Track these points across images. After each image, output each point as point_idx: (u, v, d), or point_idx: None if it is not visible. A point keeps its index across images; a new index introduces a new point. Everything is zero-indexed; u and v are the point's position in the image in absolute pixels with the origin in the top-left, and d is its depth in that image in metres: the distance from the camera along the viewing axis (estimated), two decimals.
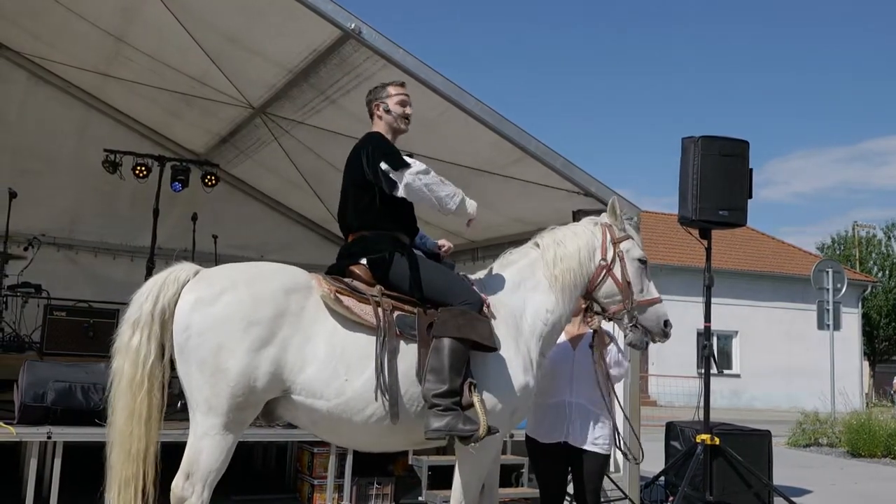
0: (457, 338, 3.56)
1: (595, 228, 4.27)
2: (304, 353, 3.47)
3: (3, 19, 8.67)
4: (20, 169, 8.61)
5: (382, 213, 3.85)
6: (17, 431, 5.67)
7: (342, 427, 3.61)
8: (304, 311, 3.52)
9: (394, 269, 3.78)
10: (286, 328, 3.45)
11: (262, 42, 6.84)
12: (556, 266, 4.06)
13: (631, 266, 4.18)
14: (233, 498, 6.36)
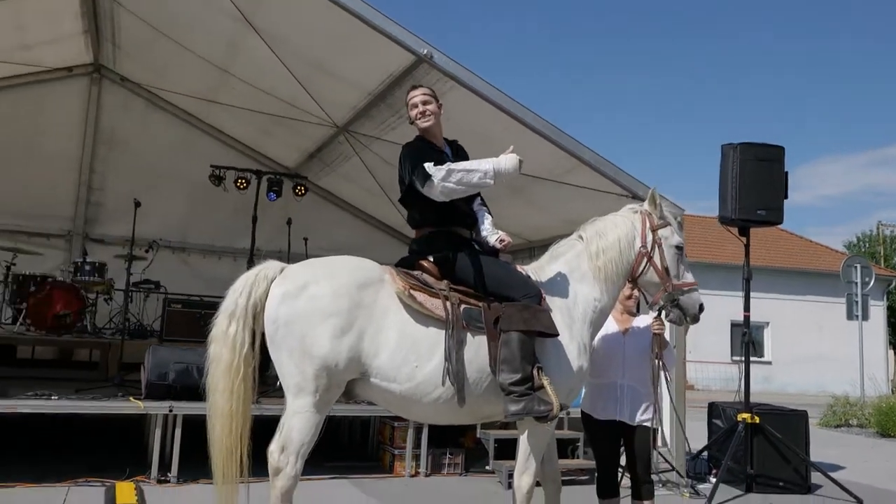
0: (524, 330, 3.53)
1: (635, 217, 4.14)
2: (378, 341, 3.49)
3: (126, 56, 9.06)
4: (142, 184, 8.91)
5: (437, 211, 3.77)
6: (144, 405, 5.91)
7: (413, 406, 3.64)
8: (377, 304, 3.53)
9: (458, 267, 3.75)
10: (361, 318, 3.48)
11: (345, 68, 6.97)
12: (598, 258, 3.97)
13: (668, 252, 4.06)
14: (325, 465, 6.46)
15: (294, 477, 3.40)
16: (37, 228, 9.23)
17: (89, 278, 7.98)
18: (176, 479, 5.78)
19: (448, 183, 3.60)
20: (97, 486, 5.54)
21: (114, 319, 8.46)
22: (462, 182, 3.62)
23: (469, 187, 3.66)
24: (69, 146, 9.50)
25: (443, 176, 3.60)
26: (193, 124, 9.96)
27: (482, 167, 3.63)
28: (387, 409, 3.89)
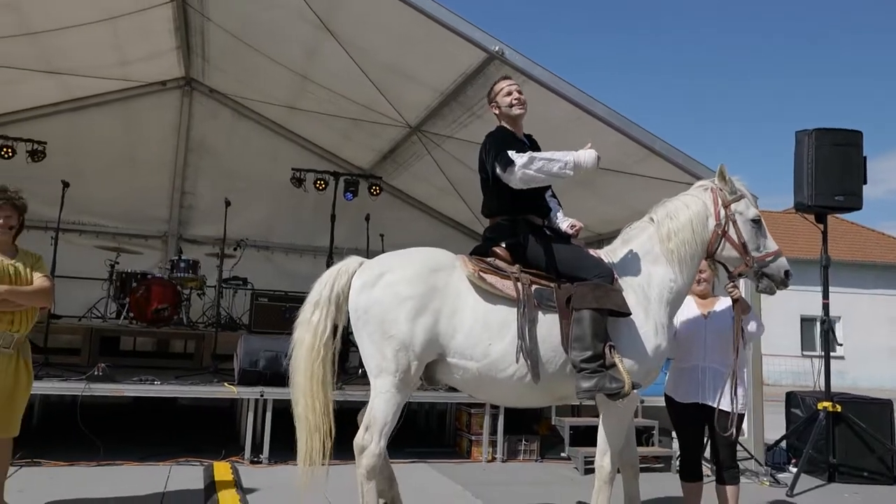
0: (595, 308, 3.49)
1: (705, 194, 3.98)
2: (453, 322, 3.54)
3: (214, 69, 9.33)
4: (230, 188, 9.14)
5: (512, 199, 3.77)
6: (237, 390, 6.05)
7: (487, 385, 3.64)
8: (449, 287, 3.58)
9: (529, 251, 3.74)
10: (435, 301, 3.54)
11: (418, 69, 6.97)
12: (670, 240, 3.86)
13: (745, 227, 3.90)
14: (405, 450, 6.48)
15: (378, 455, 3.47)
16: (137, 231, 9.61)
17: (184, 275, 8.25)
18: (267, 460, 5.89)
19: (528, 170, 3.59)
20: (196, 465, 5.70)
21: (206, 313, 8.72)
22: (542, 170, 3.60)
23: (549, 176, 3.64)
24: (164, 154, 9.86)
25: (524, 163, 3.59)
26: (275, 131, 10.19)
27: (563, 158, 3.61)
28: (465, 390, 3.87)
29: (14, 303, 3.79)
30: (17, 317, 3.85)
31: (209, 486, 4.98)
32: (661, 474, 6.46)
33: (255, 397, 5.96)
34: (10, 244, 4.02)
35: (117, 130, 9.60)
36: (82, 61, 8.36)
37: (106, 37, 7.86)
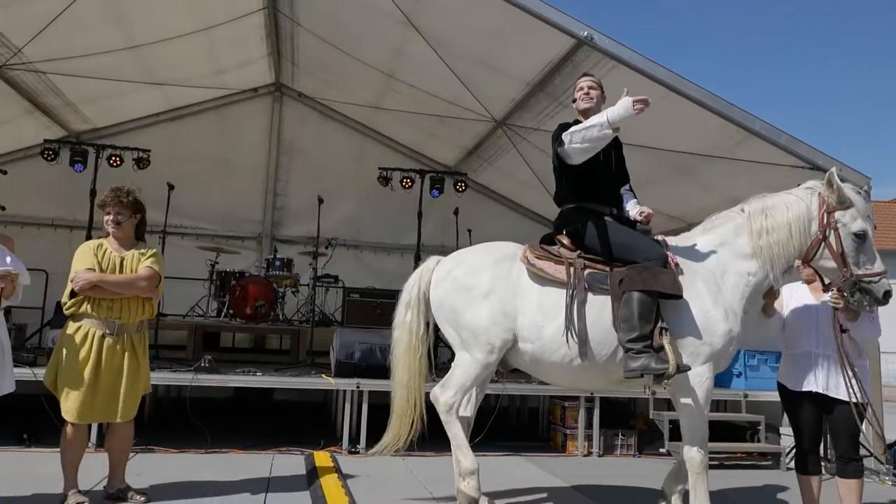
0: (643, 290, 3.57)
1: (811, 197, 3.81)
2: (515, 305, 3.81)
3: (303, 73, 9.63)
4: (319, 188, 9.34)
5: (576, 188, 3.94)
6: (334, 382, 6.19)
7: (543, 365, 3.84)
8: (511, 274, 3.86)
9: (588, 237, 3.87)
10: (500, 288, 3.83)
11: (504, 61, 6.95)
12: (760, 237, 3.80)
13: (846, 238, 3.70)
14: (497, 444, 6.46)
15: (449, 402, 3.88)
16: (234, 232, 10.02)
17: (279, 273, 8.53)
18: (364, 450, 6.00)
19: (574, 144, 3.73)
20: (297, 454, 5.87)
21: (300, 310, 8.98)
22: (585, 139, 3.70)
23: (593, 141, 3.70)
24: (257, 158, 10.24)
25: (569, 139, 3.75)
26: (362, 131, 10.41)
27: (598, 120, 3.67)
28: (530, 372, 4.09)
29: (110, 290, 4.00)
30: (124, 304, 4.05)
31: (311, 473, 5.12)
32: (769, 472, 6.17)
33: (351, 388, 6.09)
34: (127, 238, 4.25)
35: (213, 137, 10.05)
36: (181, 72, 8.80)
37: (202, 47, 8.24)
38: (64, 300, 4.01)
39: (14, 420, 5.89)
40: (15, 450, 5.56)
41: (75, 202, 8.80)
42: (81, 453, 4.05)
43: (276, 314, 8.37)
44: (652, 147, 6.96)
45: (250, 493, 4.53)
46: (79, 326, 3.97)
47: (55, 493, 4.10)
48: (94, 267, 4.00)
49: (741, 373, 6.88)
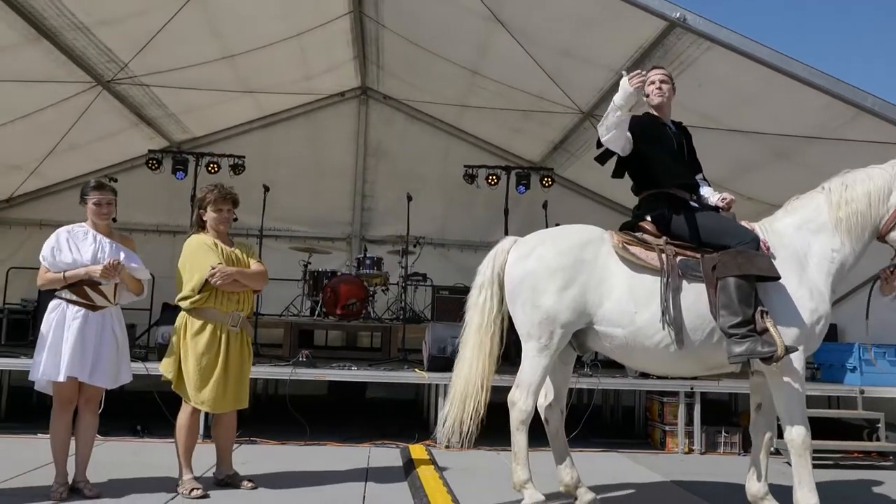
0: (739, 275, 3.52)
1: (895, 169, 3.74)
2: (601, 292, 3.72)
3: (389, 75, 9.80)
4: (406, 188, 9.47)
5: (656, 175, 3.91)
6: (427, 376, 6.24)
7: (635, 352, 3.77)
8: (598, 259, 3.76)
9: (674, 223, 3.83)
10: (584, 273, 3.74)
11: (591, 50, 6.83)
12: (840, 208, 3.75)
13: None
14: (592, 440, 6.34)
15: (526, 411, 3.79)
16: (324, 234, 10.30)
17: (369, 271, 8.70)
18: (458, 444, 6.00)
19: (604, 135, 3.81)
20: (392, 447, 5.95)
21: (391, 308, 9.12)
22: (608, 127, 3.77)
23: (615, 127, 3.76)
24: (345, 161, 10.50)
25: (601, 130, 3.83)
26: (446, 130, 10.49)
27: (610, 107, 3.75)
28: (614, 357, 4.05)
29: (241, 284, 4.20)
30: (241, 297, 4.27)
31: (407, 464, 5.17)
32: (890, 472, 5.77)
33: (444, 383, 6.07)
34: (227, 235, 4.45)
35: (303, 142, 10.37)
36: (272, 79, 9.13)
37: (292, 54, 8.53)
38: (186, 294, 4.17)
39: (128, 413, 6.24)
40: (129, 440, 5.90)
41: (177, 208, 9.30)
42: (195, 441, 4.26)
43: (367, 312, 8.53)
44: (747, 131, 6.68)
45: (350, 482, 4.63)
46: (205, 321, 4.15)
47: (168, 477, 4.33)
48: (223, 262, 4.17)
49: (856, 368, 6.47)
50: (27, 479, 4.37)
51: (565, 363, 4.14)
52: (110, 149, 9.49)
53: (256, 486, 4.32)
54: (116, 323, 4.14)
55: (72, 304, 4.03)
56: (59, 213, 9.67)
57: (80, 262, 4.01)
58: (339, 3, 7.85)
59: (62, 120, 8.16)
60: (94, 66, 7.43)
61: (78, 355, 3.94)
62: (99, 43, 7.00)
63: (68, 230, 4.13)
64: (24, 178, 9.52)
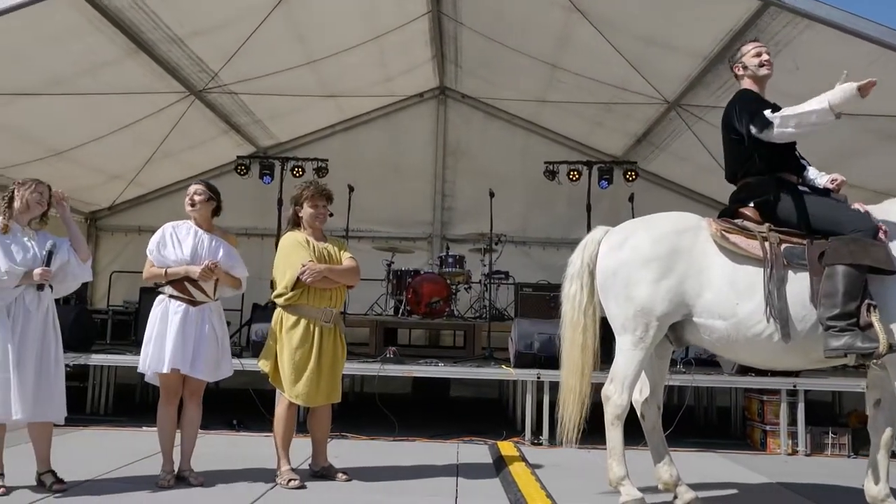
0: (850, 264, 3.33)
1: None
2: (700, 282, 3.57)
3: (467, 74, 9.80)
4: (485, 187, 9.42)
5: (762, 159, 3.71)
6: (515, 373, 6.19)
7: (737, 345, 3.61)
8: (695, 248, 3.60)
9: (780, 208, 3.65)
10: (681, 262, 3.59)
11: (677, 36, 6.60)
12: None
13: None
14: (686, 440, 6.12)
15: (621, 406, 3.69)
16: (406, 233, 10.37)
17: (452, 270, 8.72)
18: (548, 442, 5.93)
19: (787, 129, 3.54)
20: (480, 444, 5.92)
21: (473, 306, 9.11)
22: (801, 125, 3.52)
23: (809, 127, 3.53)
24: (424, 161, 10.56)
25: (780, 122, 3.55)
26: (525, 127, 10.40)
27: (817, 106, 3.48)
28: (714, 350, 3.94)
29: (332, 280, 4.27)
30: (333, 293, 4.34)
31: (498, 461, 5.13)
32: None
33: (531, 379, 6.05)
34: (321, 232, 4.54)
35: (383, 143, 10.51)
36: (353, 83, 9.30)
37: (372, 56, 8.65)
38: (280, 291, 4.27)
39: (224, 408, 6.47)
40: (226, 433, 6.11)
41: (264, 212, 9.59)
42: (292, 432, 4.36)
43: (450, 310, 8.55)
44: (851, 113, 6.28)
45: (441, 477, 4.63)
46: (298, 317, 4.24)
47: (265, 469, 4.46)
48: (313, 259, 4.25)
49: None
50: (135, 469, 4.58)
51: (661, 357, 3.99)
52: (202, 156, 9.90)
53: (351, 479, 4.38)
54: (216, 318, 4.30)
55: (173, 299, 4.21)
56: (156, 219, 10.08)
57: (180, 257, 4.19)
58: (418, 3, 7.91)
59: (158, 129, 8.57)
60: (187, 76, 7.76)
61: (179, 348, 4.10)
62: (192, 54, 7.30)
63: (173, 225, 4.32)
64: (124, 187, 10.06)
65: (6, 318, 3.84)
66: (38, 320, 3.93)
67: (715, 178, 9.02)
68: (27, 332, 3.87)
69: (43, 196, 4.06)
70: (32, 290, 3.94)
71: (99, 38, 6.37)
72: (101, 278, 10.52)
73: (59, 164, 8.34)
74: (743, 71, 3.92)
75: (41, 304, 3.97)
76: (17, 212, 3.98)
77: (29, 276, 3.88)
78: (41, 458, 4.02)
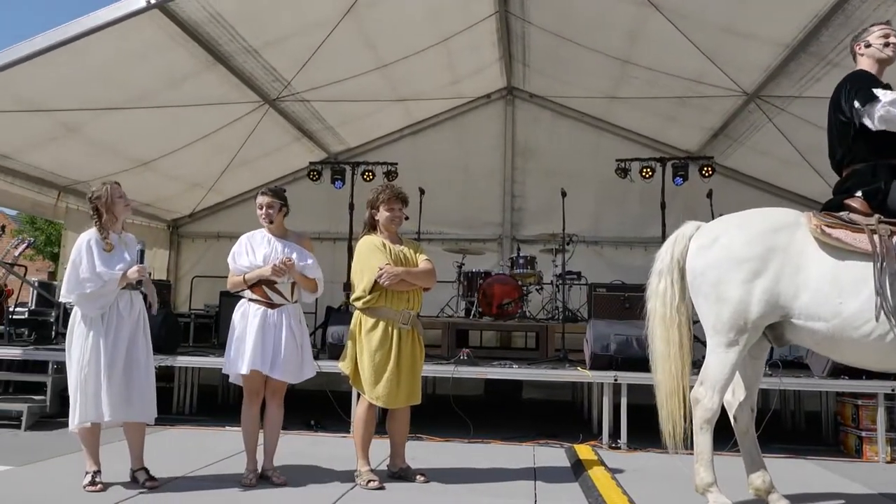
0: None
1: None
2: (797, 282, 3.40)
3: (535, 73, 9.71)
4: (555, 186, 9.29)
5: (871, 144, 3.51)
6: (591, 375, 6.07)
7: (842, 346, 3.43)
8: (792, 246, 3.43)
9: (892, 198, 3.44)
10: (776, 261, 3.43)
11: (757, 25, 6.34)
12: None
13: None
14: (774, 445, 5.84)
15: (711, 409, 3.55)
16: (476, 235, 10.34)
17: (523, 271, 8.64)
18: (626, 446, 5.79)
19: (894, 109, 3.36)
20: (556, 447, 5.84)
21: (545, 307, 9.00)
22: None
23: None
24: (493, 162, 10.52)
25: (891, 100, 3.37)
26: (595, 125, 10.22)
27: None
28: (818, 351, 3.81)
29: (409, 283, 4.29)
30: (411, 296, 4.36)
31: (576, 465, 5.04)
32: None
33: (609, 381, 5.91)
34: (397, 234, 4.57)
35: (452, 145, 10.53)
36: (421, 86, 9.35)
37: (440, 58, 8.68)
38: (358, 294, 4.32)
39: (302, 408, 6.60)
40: (305, 434, 6.23)
41: (337, 216, 9.76)
42: (372, 433, 4.40)
43: (522, 312, 8.47)
44: None
45: (519, 480, 4.58)
46: (377, 319, 4.27)
47: (343, 470, 4.52)
48: (390, 262, 4.28)
49: None
50: (220, 467, 4.72)
51: (756, 357, 3.81)
52: (276, 163, 10.17)
53: (429, 480, 4.38)
54: (295, 321, 4.38)
55: (253, 302, 4.32)
56: (233, 225, 10.53)
57: (254, 264, 4.32)
58: (485, 4, 7.89)
59: (234, 138, 8.85)
60: (261, 86, 7.98)
61: (259, 350, 4.21)
62: (266, 64, 7.50)
63: (249, 235, 4.45)
64: (203, 195, 10.44)
65: (101, 322, 4.03)
66: (130, 324, 4.11)
67: (798, 172, 8.71)
68: (119, 336, 4.06)
69: (123, 197, 4.24)
70: (127, 295, 4.12)
71: (180, 52, 6.63)
72: (183, 283, 10.96)
73: (143, 175, 8.73)
74: (864, 49, 3.70)
75: (133, 308, 4.15)
76: (106, 223, 4.17)
77: (125, 278, 4.06)
78: (135, 456, 4.20)
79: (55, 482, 4.25)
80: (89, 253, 4.05)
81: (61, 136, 7.40)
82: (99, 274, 4.00)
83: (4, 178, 7.79)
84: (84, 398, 3.98)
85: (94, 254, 4.05)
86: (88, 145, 7.73)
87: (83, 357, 4.00)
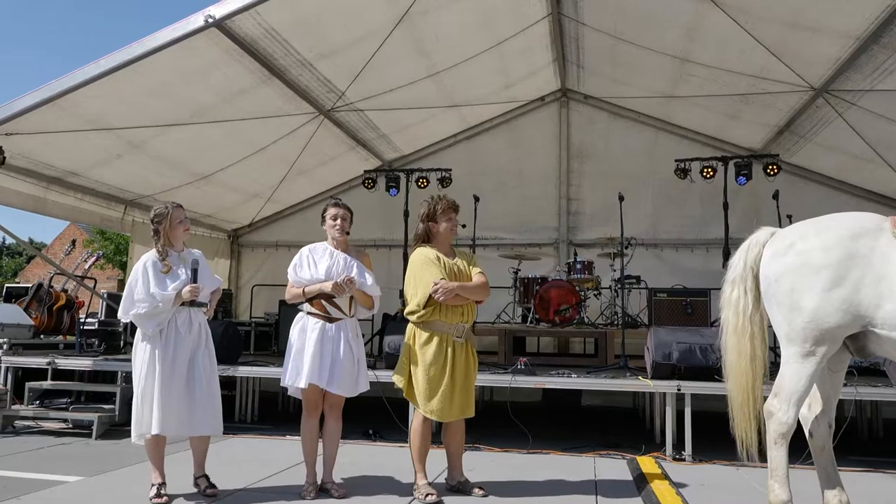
0: None
1: None
2: (880, 291, 3.21)
3: (589, 74, 9.55)
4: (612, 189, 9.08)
5: None
6: (653, 384, 5.91)
7: None
8: (874, 253, 3.25)
9: None
10: (856, 270, 3.27)
11: (824, 17, 6.07)
12: None
13: None
14: (850, 458, 5.57)
15: (786, 423, 3.41)
16: (532, 240, 10.29)
17: (580, 276, 8.50)
18: (690, 458, 5.60)
19: None
20: (617, 458, 5.70)
21: (604, 312, 8.84)
22: None
23: None
24: (548, 166, 10.41)
25: None
26: (653, 125, 10.00)
27: None
28: None
29: (463, 297, 4.25)
30: (465, 309, 4.32)
31: (639, 478, 4.90)
32: None
33: (671, 391, 5.75)
34: (450, 245, 4.54)
35: (506, 150, 10.48)
36: (475, 91, 9.33)
37: (493, 63, 8.62)
38: (412, 309, 4.31)
39: (360, 417, 6.64)
40: (364, 443, 6.27)
41: (392, 223, 9.82)
42: (428, 446, 4.37)
43: (580, 317, 8.33)
44: None
45: (580, 494, 4.48)
46: (431, 333, 4.26)
47: (401, 481, 4.51)
48: (444, 276, 4.26)
49: None
50: (280, 479, 4.78)
51: (834, 370, 3.61)
52: (331, 172, 10.31)
53: (487, 494, 4.33)
54: (352, 335, 4.39)
55: (312, 316, 4.35)
56: (291, 234, 10.75)
57: (315, 277, 4.33)
58: (537, 7, 7.80)
59: (291, 149, 9.01)
60: (316, 97, 8.09)
61: (317, 364, 4.23)
62: (320, 76, 7.61)
63: (310, 248, 4.48)
64: (262, 205, 10.67)
65: (159, 338, 4.14)
66: (190, 341, 4.21)
67: (871, 168, 8.31)
68: (178, 352, 4.15)
69: (183, 222, 4.35)
70: (185, 312, 4.22)
71: (237, 68, 6.78)
72: (244, 292, 11.22)
73: (204, 188, 8.98)
74: None
75: (192, 325, 4.24)
76: (165, 244, 4.28)
77: (179, 297, 4.15)
78: (198, 463, 4.32)
79: (124, 494, 4.38)
80: (145, 275, 4.17)
81: (126, 152, 7.68)
82: (153, 295, 4.11)
83: (74, 195, 8.14)
84: (141, 411, 4.10)
85: (150, 275, 4.16)
86: (151, 161, 8.00)
87: (142, 371, 4.12)
